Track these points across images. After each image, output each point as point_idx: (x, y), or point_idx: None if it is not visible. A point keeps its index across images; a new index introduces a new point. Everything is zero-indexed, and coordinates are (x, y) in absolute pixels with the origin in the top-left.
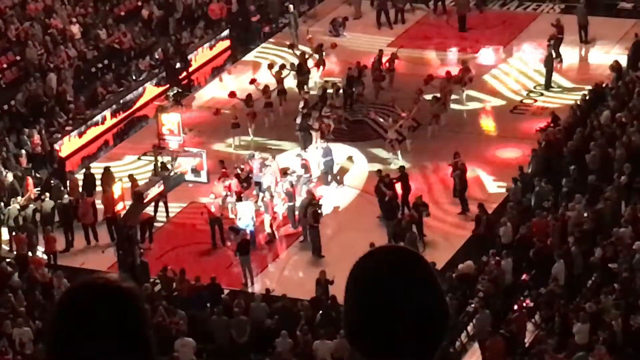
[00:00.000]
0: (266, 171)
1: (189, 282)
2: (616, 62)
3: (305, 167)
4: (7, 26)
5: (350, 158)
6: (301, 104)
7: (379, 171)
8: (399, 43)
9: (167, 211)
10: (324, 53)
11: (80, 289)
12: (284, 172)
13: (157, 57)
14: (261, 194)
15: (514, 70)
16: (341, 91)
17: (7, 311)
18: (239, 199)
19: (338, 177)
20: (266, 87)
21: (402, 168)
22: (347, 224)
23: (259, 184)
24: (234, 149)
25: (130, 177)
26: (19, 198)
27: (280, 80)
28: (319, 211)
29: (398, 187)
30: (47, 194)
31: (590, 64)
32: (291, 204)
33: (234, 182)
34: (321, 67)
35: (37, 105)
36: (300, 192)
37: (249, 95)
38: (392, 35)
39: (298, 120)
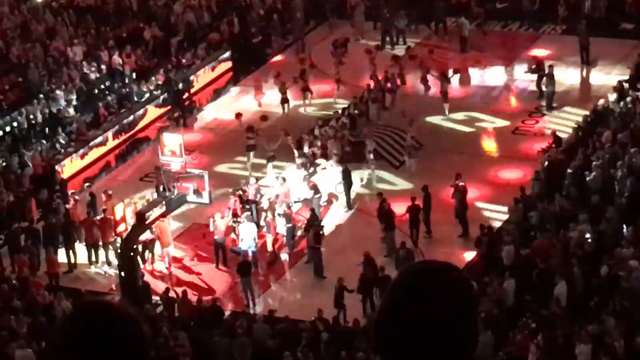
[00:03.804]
0: (267, 193)
1: (191, 303)
2: (619, 82)
3: (315, 189)
4: (8, 48)
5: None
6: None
7: (380, 194)
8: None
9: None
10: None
11: (83, 313)
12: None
13: (158, 78)
14: (263, 214)
15: (516, 91)
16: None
17: (7, 333)
18: (236, 221)
19: (351, 201)
20: (250, 125)
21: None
22: (347, 244)
23: (253, 203)
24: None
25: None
26: None
27: (283, 91)
28: (321, 232)
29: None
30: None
31: (592, 84)
32: (290, 225)
33: (237, 204)
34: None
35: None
36: (318, 213)
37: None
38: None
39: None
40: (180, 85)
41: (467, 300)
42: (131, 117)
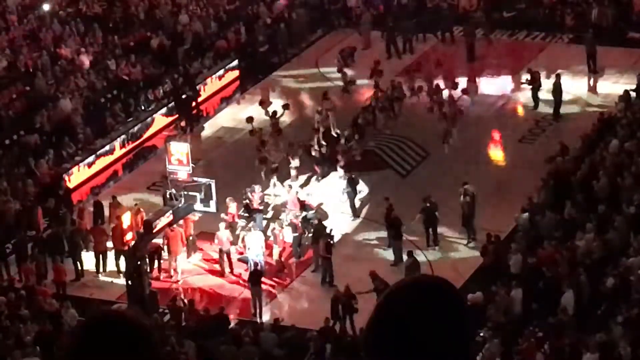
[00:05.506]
0: (273, 201)
1: (197, 312)
2: (626, 91)
3: (304, 207)
4: (16, 56)
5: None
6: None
7: (387, 198)
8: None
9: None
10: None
11: (96, 323)
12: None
13: (165, 87)
14: (271, 225)
15: (523, 100)
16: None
17: (13, 341)
18: (230, 226)
19: (357, 209)
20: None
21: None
22: (355, 253)
23: (255, 212)
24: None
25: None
26: None
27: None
28: (332, 242)
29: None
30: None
31: (599, 93)
32: (296, 234)
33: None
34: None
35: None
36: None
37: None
38: (400, 65)
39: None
40: (187, 94)
41: (462, 307)
42: (138, 126)
